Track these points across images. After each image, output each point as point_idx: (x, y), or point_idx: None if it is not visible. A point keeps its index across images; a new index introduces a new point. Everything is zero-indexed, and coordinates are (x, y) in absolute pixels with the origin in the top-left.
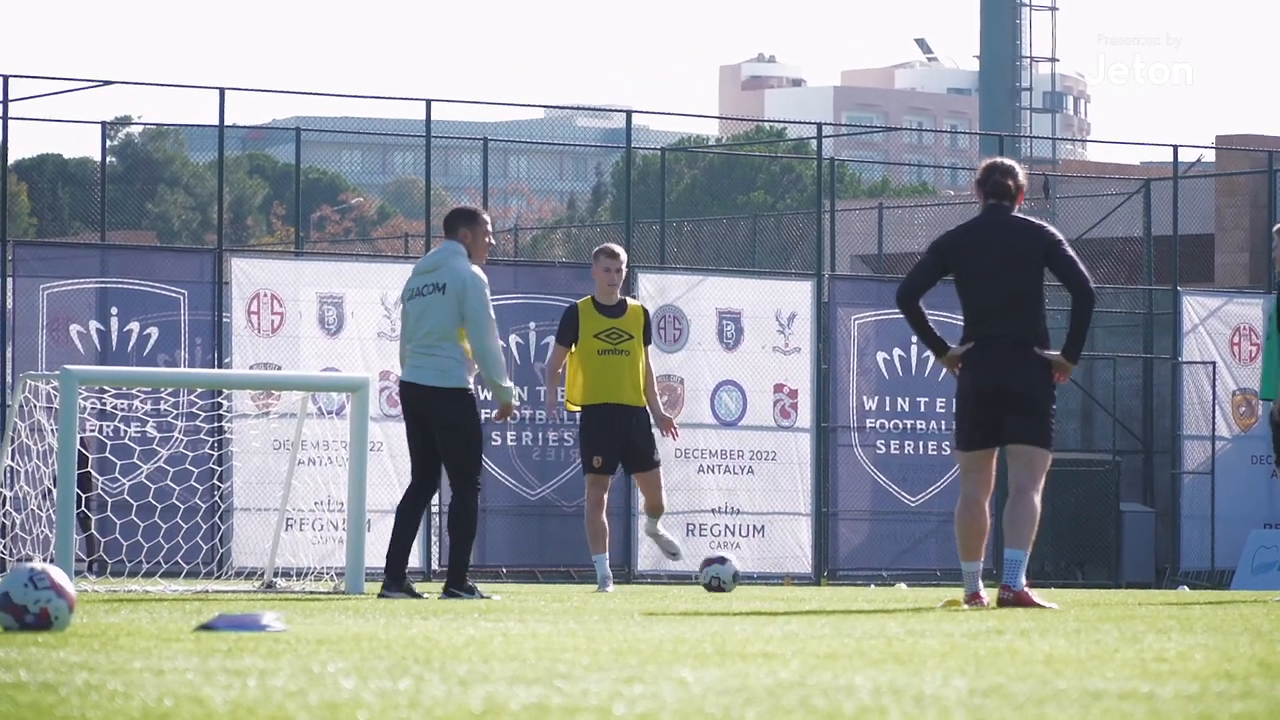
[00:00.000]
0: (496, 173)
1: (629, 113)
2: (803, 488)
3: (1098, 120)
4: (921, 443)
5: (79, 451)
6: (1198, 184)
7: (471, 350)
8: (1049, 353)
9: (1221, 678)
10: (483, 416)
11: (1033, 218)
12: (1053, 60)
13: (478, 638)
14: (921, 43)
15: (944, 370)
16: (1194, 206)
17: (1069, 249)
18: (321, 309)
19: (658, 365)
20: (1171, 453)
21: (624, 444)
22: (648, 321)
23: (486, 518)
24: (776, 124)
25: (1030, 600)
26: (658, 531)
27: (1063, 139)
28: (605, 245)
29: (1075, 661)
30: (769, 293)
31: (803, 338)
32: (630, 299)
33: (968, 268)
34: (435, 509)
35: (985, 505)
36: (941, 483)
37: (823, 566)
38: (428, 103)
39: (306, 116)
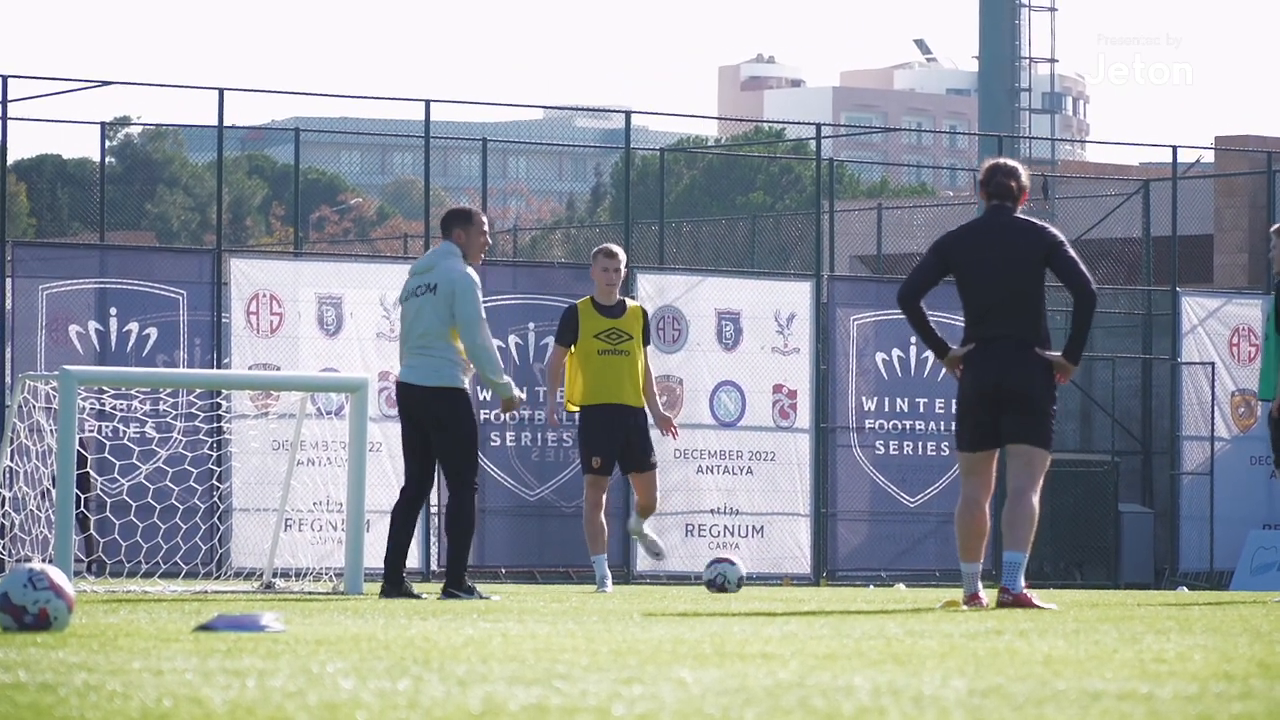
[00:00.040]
0: (495, 173)
1: (628, 113)
2: (802, 488)
3: (1097, 121)
4: (920, 443)
5: (78, 452)
6: (1197, 185)
7: (465, 350)
8: (1050, 353)
9: (1220, 678)
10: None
11: (1034, 219)
12: (1052, 61)
13: (477, 638)
14: (920, 43)
15: (943, 371)
16: (1193, 207)
17: (1071, 250)
18: (320, 309)
19: (657, 366)
20: (1170, 453)
21: (623, 444)
22: (646, 322)
23: (485, 518)
24: (775, 124)
25: (1030, 603)
26: (643, 531)
27: (1062, 140)
28: (604, 245)
29: (1074, 662)
30: (768, 293)
31: (802, 338)
32: (629, 299)
33: (969, 268)
34: (434, 509)
35: (985, 507)
36: (940, 483)
37: (821, 567)
38: (427, 103)
39: (305, 117)
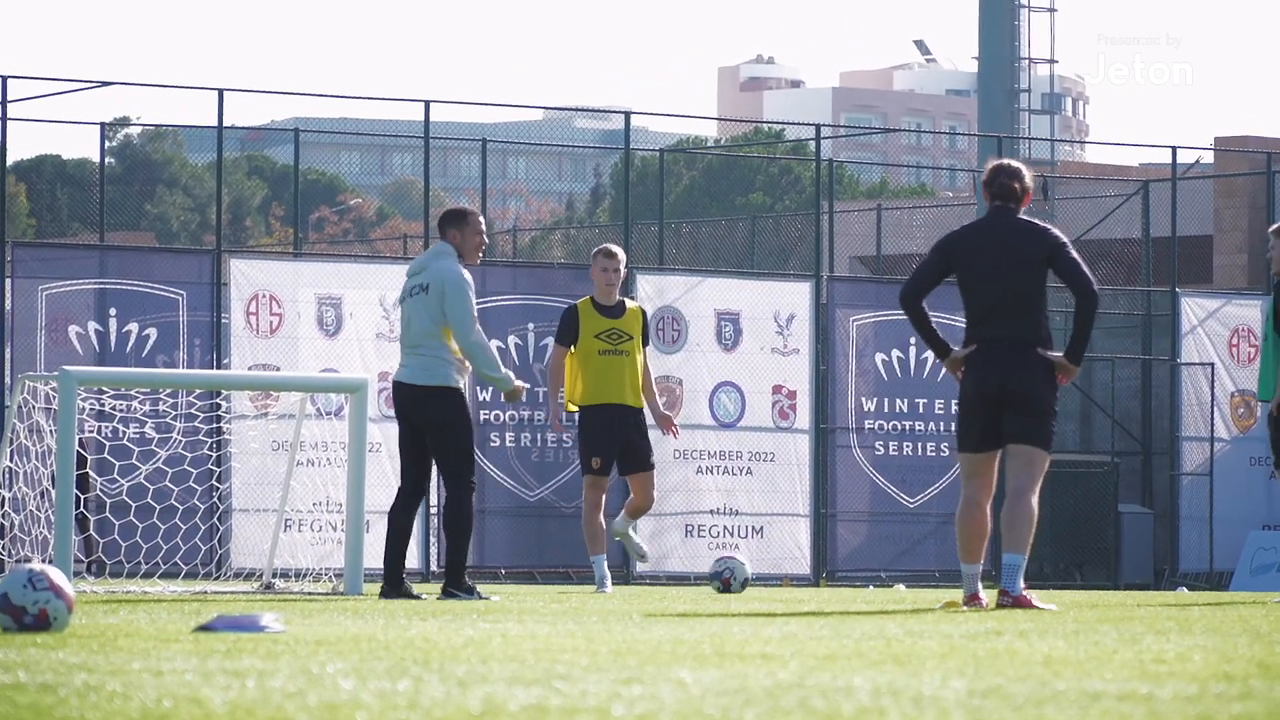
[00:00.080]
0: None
1: (627, 114)
2: (801, 489)
3: (1096, 121)
4: (920, 444)
5: (77, 452)
6: (1196, 185)
7: (459, 350)
8: (1051, 354)
9: (1220, 679)
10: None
11: (1037, 220)
12: (1051, 61)
13: (476, 639)
14: (920, 44)
15: (943, 371)
16: (1193, 208)
17: (1073, 252)
18: (320, 310)
19: (656, 366)
20: (1170, 454)
21: (623, 445)
22: (646, 322)
23: (485, 519)
24: (775, 125)
25: (1029, 604)
26: (628, 533)
27: (1061, 140)
28: (604, 246)
29: (1074, 663)
30: (768, 294)
31: (801, 339)
32: (629, 300)
33: (971, 268)
34: (434, 509)
35: (986, 508)
36: (940, 484)
37: (821, 568)
38: (426, 104)
39: (305, 117)
